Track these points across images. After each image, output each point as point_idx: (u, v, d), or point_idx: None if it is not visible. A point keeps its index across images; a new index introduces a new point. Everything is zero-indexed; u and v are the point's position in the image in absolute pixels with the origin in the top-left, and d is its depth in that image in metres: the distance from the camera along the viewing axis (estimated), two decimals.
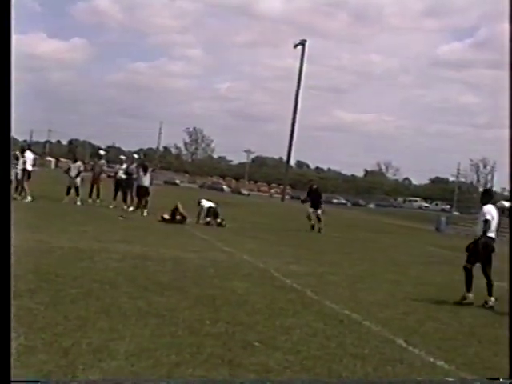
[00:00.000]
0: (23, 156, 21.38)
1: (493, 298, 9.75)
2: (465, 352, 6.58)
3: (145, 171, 21.81)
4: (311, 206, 23.02)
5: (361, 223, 39.11)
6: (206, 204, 20.60)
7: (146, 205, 21.17)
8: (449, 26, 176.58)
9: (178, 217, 19.23)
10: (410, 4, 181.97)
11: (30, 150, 22.76)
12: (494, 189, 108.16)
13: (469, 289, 9.88)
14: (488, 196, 10.66)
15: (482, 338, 7.33)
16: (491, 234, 10.03)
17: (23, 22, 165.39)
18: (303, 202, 24.91)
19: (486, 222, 9.93)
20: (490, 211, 10.08)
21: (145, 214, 20.64)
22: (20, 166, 20.96)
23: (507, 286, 9.01)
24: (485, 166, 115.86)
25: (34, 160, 22.90)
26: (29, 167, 21.24)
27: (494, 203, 10.49)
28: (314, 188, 23.89)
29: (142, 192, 21.34)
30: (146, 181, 21.50)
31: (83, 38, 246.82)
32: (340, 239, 22.26)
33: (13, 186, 19.47)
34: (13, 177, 19.75)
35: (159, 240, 14.18)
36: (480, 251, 9.94)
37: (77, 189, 22.69)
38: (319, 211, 22.95)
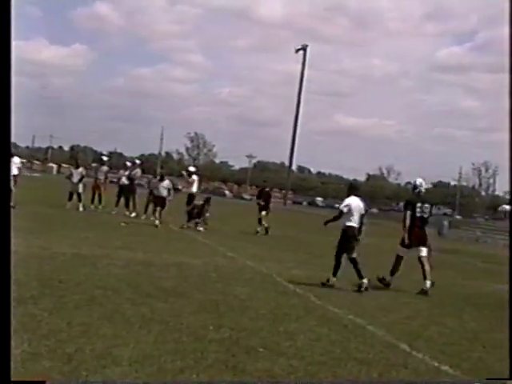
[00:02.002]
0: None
1: (365, 280, 10.57)
2: (469, 357, 6.56)
3: (161, 180, 20.87)
4: (263, 209, 21.71)
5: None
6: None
7: (160, 214, 19.99)
8: (448, 30, 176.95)
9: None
10: (409, 9, 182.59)
11: (16, 155, 22.63)
12: (497, 193, 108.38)
13: (361, 276, 10.54)
14: (353, 189, 11.54)
15: (486, 343, 7.32)
16: (352, 224, 10.82)
17: (25, 28, 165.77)
18: (259, 203, 22.37)
19: (341, 212, 10.83)
20: (350, 202, 10.91)
21: (157, 222, 19.60)
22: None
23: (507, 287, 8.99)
24: (487, 170, 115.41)
25: (21, 164, 22.77)
26: (15, 171, 21.13)
27: (358, 196, 11.31)
28: (266, 190, 22.82)
29: (159, 203, 20.17)
30: (163, 191, 20.35)
31: (84, 44, 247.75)
32: None
33: None
34: None
35: (162, 246, 14.17)
36: (344, 240, 10.83)
37: (79, 195, 22.67)
38: (264, 214, 21.59)
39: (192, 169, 22.79)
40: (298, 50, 72.46)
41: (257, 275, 10.97)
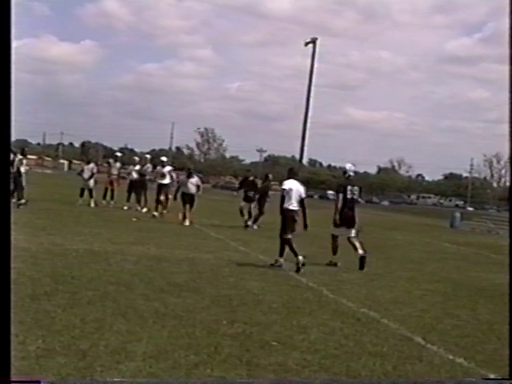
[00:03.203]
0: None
1: (282, 260, 11.39)
2: (484, 349, 6.52)
3: (189, 177, 19.99)
4: (244, 199, 20.66)
5: (375, 221, 38.97)
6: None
7: (187, 212, 19.39)
8: (457, 21, 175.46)
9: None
10: (418, 0, 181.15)
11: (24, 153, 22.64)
12: (508, 184, 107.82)
13: (296, 254, 11.06)
14: (291, 173, 12.15)
15: (501, 335, 7.25)
16: (290, 206, 11.47)
17: (34, 25, 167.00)
18: (244, 193, 20.97)
19: (283, 193, 11.52)
20: (289, 184, 11.58)
21: (187, 223, 18.98)
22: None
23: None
24: (498, 162, 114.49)
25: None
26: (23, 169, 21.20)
27: (297, 180, 11.96)
28: (250, 180, 21.29)
29: (188, 200, 19.42)
30: (191, 188, 19.67)
31: (93, 40, 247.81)
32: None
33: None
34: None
35: (174, 241, 14.19)
36: (285, 222, 11.49)
37: (90, 191, 22.77)
38: (252, 205, 20.46)
39: (164, 159, 22.92)
40: (307, 44, 72.16)
41: (269, 269, 10.96)
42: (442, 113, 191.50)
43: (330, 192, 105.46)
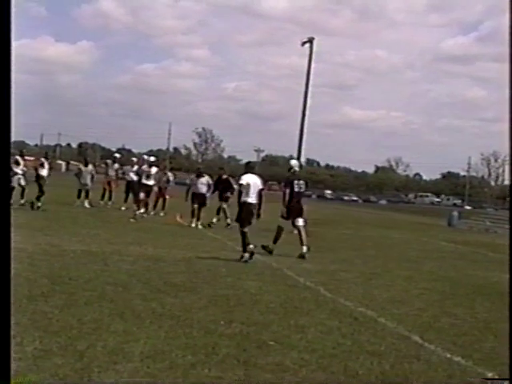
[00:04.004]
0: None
1: (246, 255, 11.65)
2: (481, 347, 6.52)
3: (199, 176, 19.47)
4: (220, 199, 20.06)
5: (372, 220, 39.00)
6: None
7: (200, 215, 18.98)
8: (453, 20, 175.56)
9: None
10: None
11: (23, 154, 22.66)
12: (506, 182, 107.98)
13: (244, 249, 11.70)
14: (248, 167, 12.74)
15: (498, 333, 7.26)
16: (248, 199, 11.94)
17: (30, 26, 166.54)
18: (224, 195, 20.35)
19: (240, 188, 12.12)
20: (246, 179, 12.05)
21: (199, 226, 18.63)
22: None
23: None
24: (496, 160, 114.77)
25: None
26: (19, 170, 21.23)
27: (255, 173, 12.48)
28: (224, 178, 20.63)
29: (199, 200, 18.82)
30: (202, 187, 19.07)
31: (90, 40, 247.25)
32: (352, 236, 22.22)
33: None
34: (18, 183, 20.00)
35: (171, 241, 14.20)
36: (241, 215, 11.99)
37: (87, 191, 22.76)
38: (225, 205, 19.95)
39: (152, 159, 22.91)
40: (304, 43, 72.40)
41: (267, 269, 10.97)
42: (439, 111, 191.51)
43: (328, 191, 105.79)
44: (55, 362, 4.71)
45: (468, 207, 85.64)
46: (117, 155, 27.14)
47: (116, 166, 24.62)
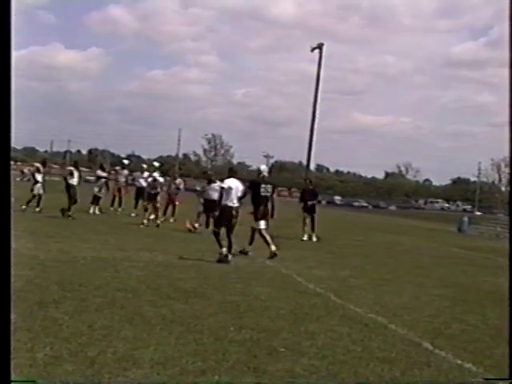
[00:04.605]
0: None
1: (224, 249, 12.14)
2: (492, 354, 6.48)
3: (210, 182, 18.97)
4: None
5: (382, 225, 38.91)
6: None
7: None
8: (462, 25, 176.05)
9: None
10: (422, 4, 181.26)
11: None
12: None
13: (220, 246, 12.20)
14: (231, 172, 13.28)
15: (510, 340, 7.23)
16: (229, 203, 12.31)
17: (40, 34, 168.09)
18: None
19: (222, 191, 12.47)
20: (228, 183, 12.42)
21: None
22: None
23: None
24: (506, 165, 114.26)
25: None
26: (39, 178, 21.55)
27: (237, 178, 12.87)
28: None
29: (211, 207, 17.01)
30: (214, 194, 17.47)
31: (100, 47, 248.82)
32: (362, 242, 22.16)
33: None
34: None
35: (181, 247, 14.19)
36: (220, 217, 12.43)
37: (99, 198, 22.75)
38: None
39: (156, 164, 23.22)
40: (313, 49, 72.35)
41: (277, 275, 10.96)
42: (449, 117, 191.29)
43: (337, 197, 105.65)
44: (66, 369, 4.73)
45: (478, 213, 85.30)
46: (125, 161, 27.14)
47: (125, 172, 24.69)
